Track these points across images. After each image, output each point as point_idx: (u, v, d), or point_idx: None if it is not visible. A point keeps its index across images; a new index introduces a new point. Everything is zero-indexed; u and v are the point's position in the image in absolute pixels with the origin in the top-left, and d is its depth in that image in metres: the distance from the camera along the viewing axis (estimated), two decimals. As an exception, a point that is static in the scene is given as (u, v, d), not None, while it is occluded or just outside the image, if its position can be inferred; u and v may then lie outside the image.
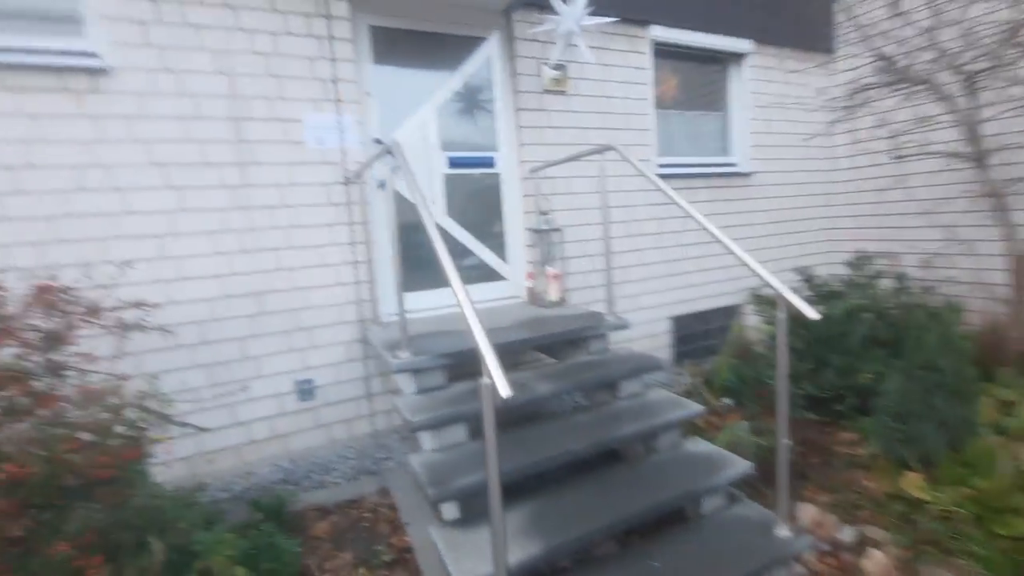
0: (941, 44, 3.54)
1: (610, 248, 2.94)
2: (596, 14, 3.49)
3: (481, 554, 1.73)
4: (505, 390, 1.33)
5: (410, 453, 2.20)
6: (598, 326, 2.79)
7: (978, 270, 4.40)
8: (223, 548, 1.74)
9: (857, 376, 2.89)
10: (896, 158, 4.47)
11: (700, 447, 2.38)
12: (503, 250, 3.75)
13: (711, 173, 4.53)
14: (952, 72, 3.52)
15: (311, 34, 3.02)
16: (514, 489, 2.04)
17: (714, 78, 4.70)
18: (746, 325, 4.63)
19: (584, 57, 3.49)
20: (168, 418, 2.00)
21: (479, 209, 3.69)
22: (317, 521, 2.48)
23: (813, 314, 1.86)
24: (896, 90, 3.88)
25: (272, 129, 2.98)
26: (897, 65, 3.72)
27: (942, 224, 4.63)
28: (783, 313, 1.96)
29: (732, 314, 4.68)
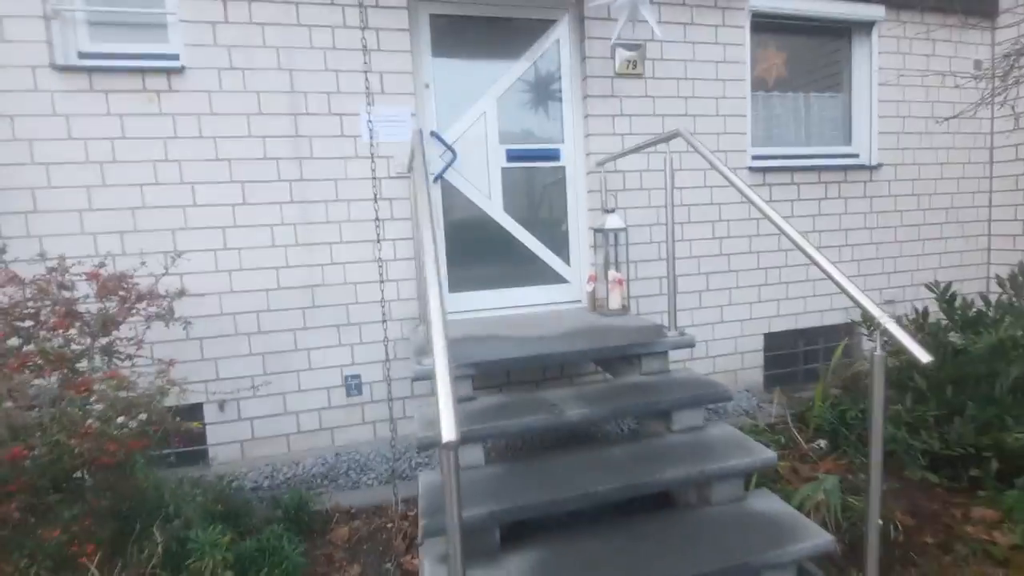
0: None
1: (674, 252, 2.53)
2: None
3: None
4: (450, 433, 1.08)
5: (423, 469, 2.03)
6: (653, 342, 2.41)
7: None
8: (216, 550, 1.70)
9: (1005, 433, 2.18)
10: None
11: (770, 504, 1.92)
12: (565, 250, 3.46)
13: (824, 166, 3.83)
14: None
15: (368, 26, 2.96)
16: (529, 528, 1.78)
17: (831, 53, 3.96)
18: (859, 348, 3.87)
19: (654, 34, 3.07)
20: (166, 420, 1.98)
21: (540, 206, 3.43)
22: (339, 525, 2.42)
23: (922, 356, 1.36)
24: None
25: (328, 124, 2.97)
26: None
27: None
28: (879, 346, 1.48)
29: (844, 334, 3.93)
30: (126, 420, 1.75)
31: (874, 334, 1.43)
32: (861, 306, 1.58)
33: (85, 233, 2.79)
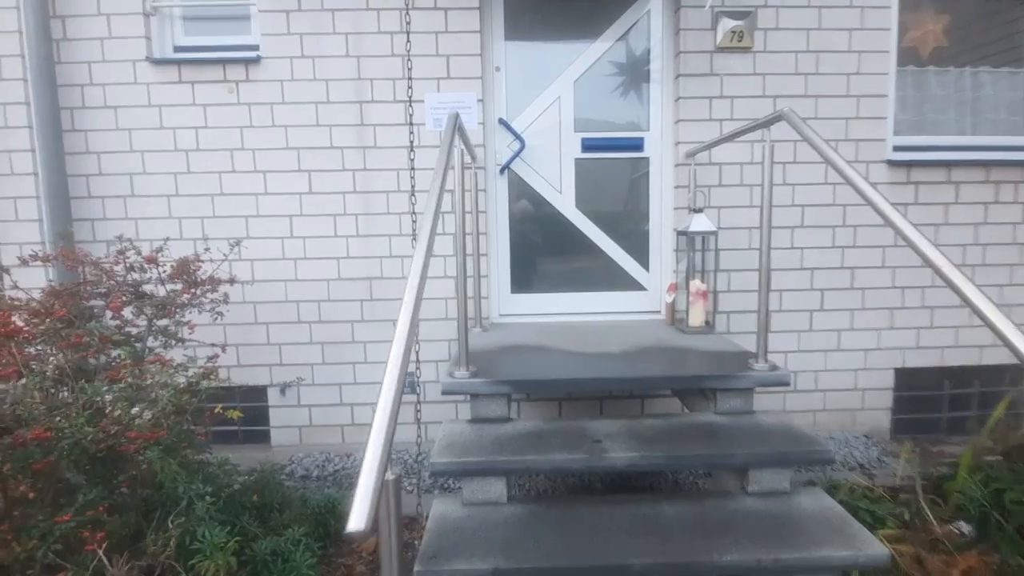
0: None
1: (769, 263, 2.03)
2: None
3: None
4: (358, 520, 0.84)
5: (442, 495, 1.81)
6: (731, 375, 1.95)
7: None
8: (219, 555, 1.63)
9: None
10: None
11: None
12: (644, 254, 3.04)
13: (995, 161, 2.97)
14: None
15: (436, 6, 2.78)
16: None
17: (1011, 22, 3.05)
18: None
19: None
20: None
21: (617, 202, 3.04)
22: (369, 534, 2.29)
23: None
24: None
25: (393, 111, 2.85)
26: None
27: None
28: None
29: (1012, 381, 3.06)
30: (142, 409, 1.74)
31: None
32: (1015, 350, 1.07)
33: (172, 217, 2.95)
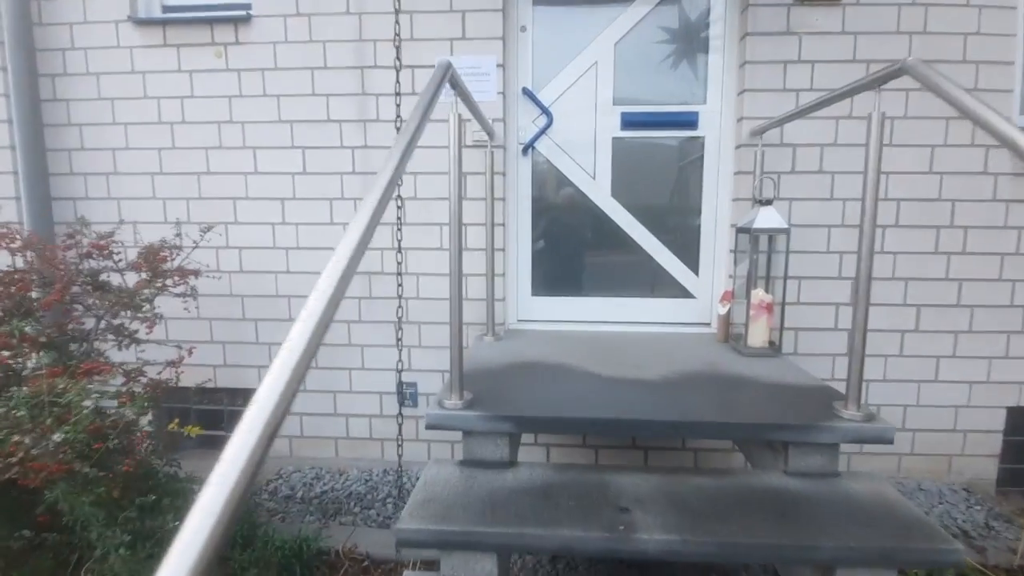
0: None
1: (870, 271, 1.50)
2: None
3: None
4: None
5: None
6: (812, 426, 1.45)
7: None
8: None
9: None
10: None
11: None
12: (693, 254, 2.53)
13: None
14: None
15: (451, -50, 2.34)
16: None
17: None
18: None
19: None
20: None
21: (662, 191, 2.53)
22: (344, 579, 1.92)
23: None
24: None
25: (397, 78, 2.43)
26: None
27: None
28: None
29: None
30: (64, 432, 1.40)
31: None
32: None
33: (156, 198, 2.65)
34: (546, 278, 2.61)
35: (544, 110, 2.45)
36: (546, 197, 2.57)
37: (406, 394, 2.64)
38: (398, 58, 2.37)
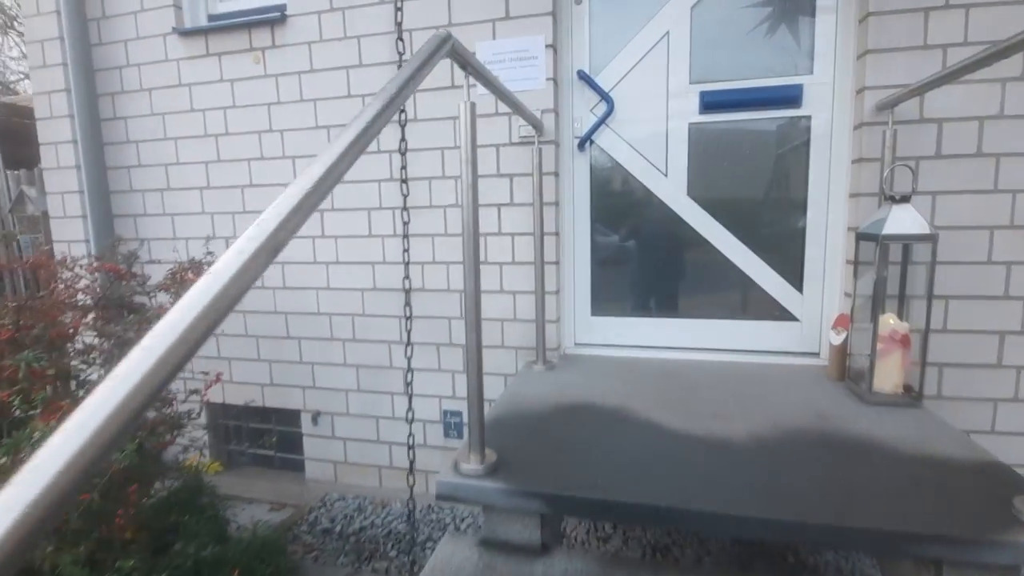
0: None
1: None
2: None
3: None
4: None
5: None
6: (981, 540, 0.97)
7: None
8: None
9: None
10: None
11: None
12: (796, 266, 2.02)
13: None
14: None
15: (492, -84, 2.02)
16: None
17: None
18: None
19: None
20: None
21: (753, 186, 2.04)
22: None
23: None
24: None
25: (438, 72, 2.15)
26: None
27: None
28: None
29: None
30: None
31: None
32: None
33: (205, 213, 2.61)
34: (608, 295, 2.22)
35: (604, 96, 2.07)
36: (607, 199, 2.18)
37: (451, 423, 2.38)
38: (400, 37, 2.09)
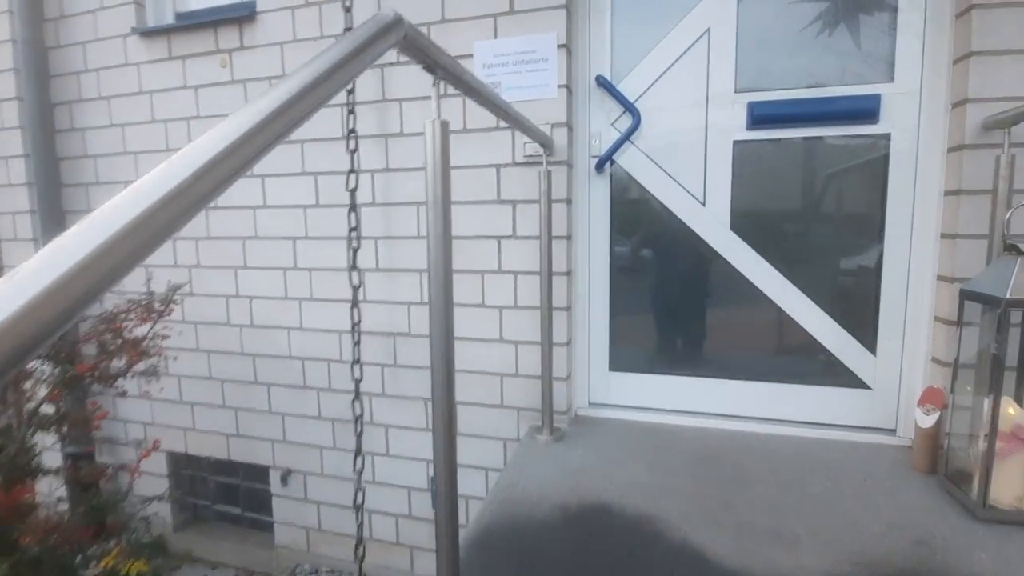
0: None
1: None
2: None
3: None
4: None
5: None
6: None
7: None
8: None
9: None
10: None
11: None
12: (866, 320, 1.61)
13: None
14: None
15: None
16: None
17: None
18: None
19: None
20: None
21: (814, 220, 1.64)
22: None
23: None
24: None
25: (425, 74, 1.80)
26: None
27: None
28: None
29: None
30: None
31: None
32: None
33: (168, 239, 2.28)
34: (630, 347, 1.83)
35: (628, 107, 1.69)
36: (631, 232, 1.80)
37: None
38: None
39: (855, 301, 1.62)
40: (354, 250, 1.88)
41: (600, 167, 1.75)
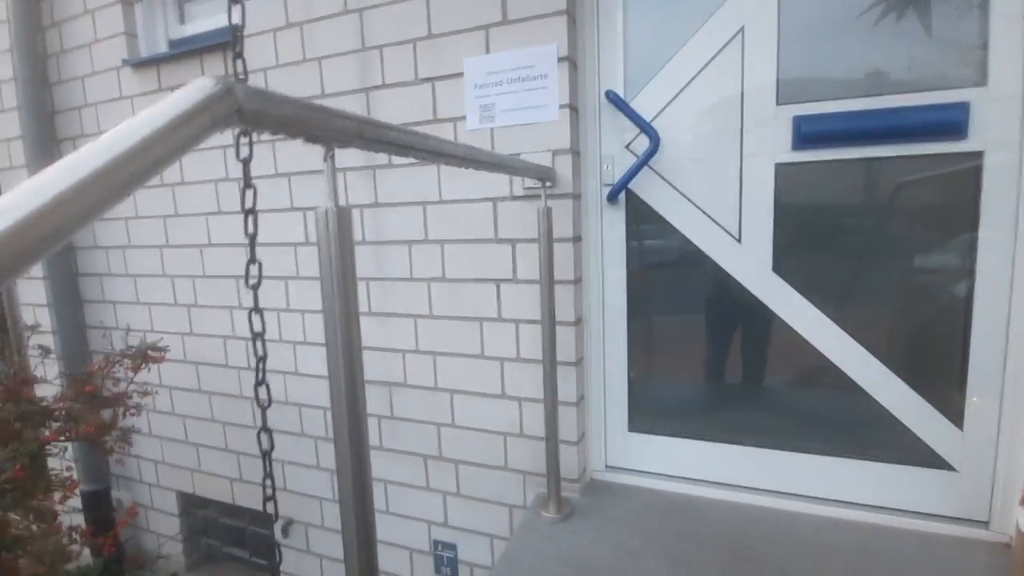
0: None
1: None
2: None
3: None
4: None
5: None
6: None
7: None
8: None
9: None
10: None
11: None
12: (950, 385, 1.29)
13: None
14: None
15: None
16: None
17: None
18: None
19: None
20: None
21: (876, 260, 1.33)
22: None
23: None
24: None
25: (413, 97, 1.60)
26: None
27: None
28: None
29: None
30: None
31: None
32: None
33: (165, 275, 2.21)
34: (652, 406, 1.57)
35: (644, 127, 1.43)
36: (651, 273, 1.53)
37: (442, 557, 1.82)
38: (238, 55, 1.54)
39: (934, 361, 1.30)
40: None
41: (613, 197, 1.50)
